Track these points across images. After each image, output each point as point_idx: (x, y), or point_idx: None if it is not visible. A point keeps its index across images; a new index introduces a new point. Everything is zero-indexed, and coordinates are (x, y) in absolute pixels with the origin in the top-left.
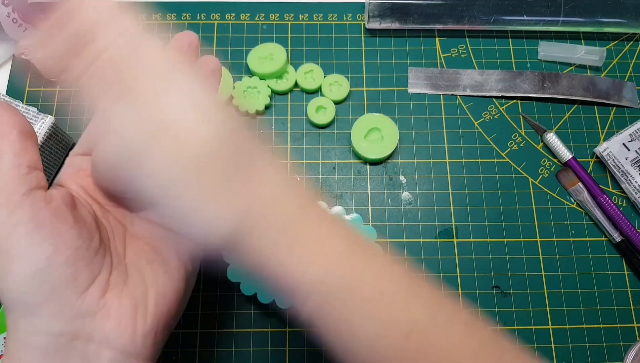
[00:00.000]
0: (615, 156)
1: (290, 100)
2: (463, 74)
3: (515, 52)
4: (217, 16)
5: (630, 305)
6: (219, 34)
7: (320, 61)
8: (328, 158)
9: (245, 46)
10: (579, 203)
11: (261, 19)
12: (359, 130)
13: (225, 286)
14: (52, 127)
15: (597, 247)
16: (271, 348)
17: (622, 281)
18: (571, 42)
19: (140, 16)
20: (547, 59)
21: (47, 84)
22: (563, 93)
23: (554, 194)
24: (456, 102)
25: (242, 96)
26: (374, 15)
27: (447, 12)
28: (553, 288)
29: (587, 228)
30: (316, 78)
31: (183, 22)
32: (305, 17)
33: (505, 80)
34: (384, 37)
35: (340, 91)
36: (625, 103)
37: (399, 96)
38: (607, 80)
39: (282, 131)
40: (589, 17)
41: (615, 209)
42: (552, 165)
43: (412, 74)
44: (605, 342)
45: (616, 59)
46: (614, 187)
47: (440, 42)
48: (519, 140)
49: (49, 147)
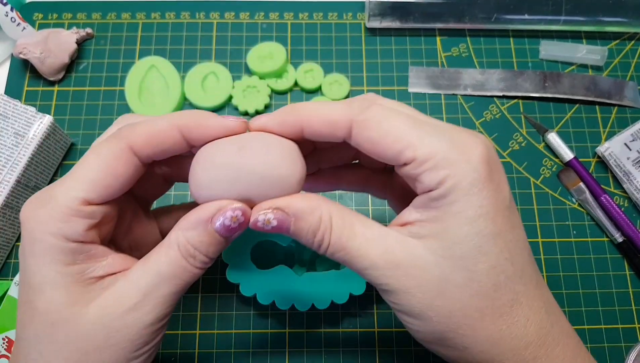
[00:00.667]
0: (616, 156)
1: (290, 99)
2: (464, 74)
3: (516, 52)
4: (217, 15)
5: (631, 305)
6: (218, 33)
7: (320, 60)
8: None
9: (244, 45)
10: (581, 203)
11: (261, 17)
12: None
13: (224, 287)
14: (51, 126)
15: (598, 247)
16: (271, 349)
17: (624, 281)
18: (573, 42)
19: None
20: (548, 59)
21: (46, 83)
22: (564, 93)
23: (555, 194)
24: (457, 102)
25: (242, 96)
26: (375, 14)
27: (448, 11)
28: (554, 289)
29: (589, 228)
30: (316, 77)
31: (182, 21)
32: (305, 16)
33: (507, 79)
34: (384, 36)
35: (341, 91)
36: (626, 103)
37: (400, 95)
38: (608, 79)
39: None
40: (591, 17)
41: (617, 209)
42: (553, 165)
43: (412, 73)
44: (606, 342)
45: (618, 58)
46: (616, 187)
47: (441, 41)
48: (520, 140)
49: (47, 147)
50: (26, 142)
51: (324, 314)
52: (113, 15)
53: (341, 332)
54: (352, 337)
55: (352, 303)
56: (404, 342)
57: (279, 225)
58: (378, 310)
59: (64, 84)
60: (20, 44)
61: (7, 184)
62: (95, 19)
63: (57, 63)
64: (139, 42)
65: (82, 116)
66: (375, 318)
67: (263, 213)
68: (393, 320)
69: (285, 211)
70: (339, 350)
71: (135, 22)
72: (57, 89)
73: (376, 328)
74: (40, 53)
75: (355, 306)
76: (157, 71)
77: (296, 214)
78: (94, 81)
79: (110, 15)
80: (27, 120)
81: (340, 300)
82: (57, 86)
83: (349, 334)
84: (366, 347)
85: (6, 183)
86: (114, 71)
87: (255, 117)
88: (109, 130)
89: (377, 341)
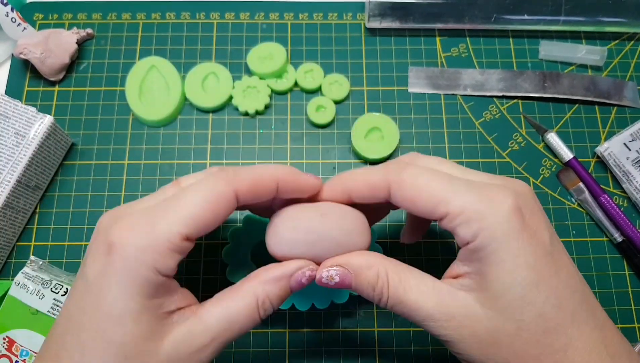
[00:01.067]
0: (616, 156)
1: (290, 100)
2: (464, 74)
3: (516, 52)
4: (217, 15)
5: (631, 305)
6: (218, 34)
7: (320, 60)
8: (328, 158)
9: (244, 45)
10: (580, 203)
11: (261, 18)
12: (359, 130)
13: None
14: (51, 127)
15: (598, 247)
16: (271, 348)
17: (623, 281)
18: (572, 42)
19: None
20: (548, 59)
21: (46, 83)
22: (564, 93)
23: (554, 194)
24: (457, 102)
25: (242, 96)
26: (374, 15)
27: (448, 12)
28: None
29: (588, 228)
30: (316, 78)
31: (182, 21)
32: (305, 17)
33: (506, 79)
34: (384, 37)
35: (341, 91)
36: (626, 103)
37: (400, 96)
38: (608, 80)
39: (282, 131)
40: (590, 17)
41: (617, 209)
42: (553, 165)
43: (412, 74)
44: None
45: (617, 58)
46: (615, 187)
47: (440, 41)
48: (520, 140)
49: (47, 147)
50: (27, 142)
51: (324, 314)
52: (113, 16)
53: (341, 331)
54: (352, 337)
55: (352, 303)
56: (404, 342)
57: (341, 281)
58: (378, 310)
59: (64, 84)
60: (21, 45)
61: (7, 184)
62: (95, 19)
63: (58, 63)
64: (140, 42)
65: (83, 116)
66: (375, 318)
67: (326, 270)
68: (393, 320)
69: (345, 268)
70: (339, 350)
71: (135, 22)
72: (57, 89)
73: (376, 328)
74: (40, 53)
75: (355, 306)
76: (157, 71)
77: (356, 270)
78: (94, 81)
79: (110, 15)
80: (28, 120)
81: (340, 300)
82: (58, 86)
83: (349, 334)
84: (366, 346)
85: (7, 183)
86: (114, 71)
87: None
88: (204, 172)
89: (377, 341)
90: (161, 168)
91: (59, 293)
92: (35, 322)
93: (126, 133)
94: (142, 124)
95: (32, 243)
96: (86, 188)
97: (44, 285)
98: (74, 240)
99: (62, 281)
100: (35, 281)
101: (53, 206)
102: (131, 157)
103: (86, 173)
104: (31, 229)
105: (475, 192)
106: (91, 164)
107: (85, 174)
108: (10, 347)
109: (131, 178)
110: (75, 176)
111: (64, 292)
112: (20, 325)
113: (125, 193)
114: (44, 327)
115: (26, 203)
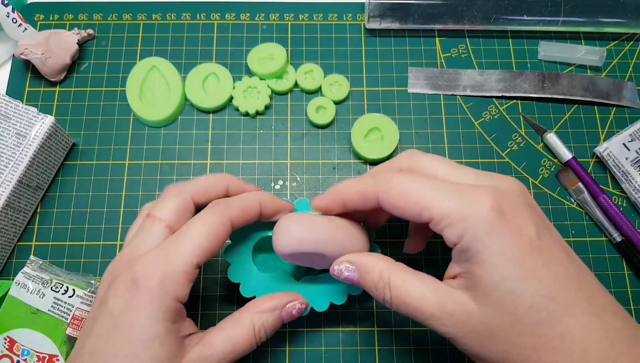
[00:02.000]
0: (615, 156)
1: (290, 100)
2: (463, 74)
3: (515, 52)
4: (217, 16)
5: (630, 305)
6: (218, 34)
7: (320, 60)
8: (328, 158)
9: (245, 45)
10: (579, 203)
11: (261, 19)
12: (359, 130)
13: (225, 286)
14: (52, 127)
15: (597, 247)
16: (271, 348)
17: (623, 281)
18: (571, 42)
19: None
20: (547, 59)
21: (47, 84)
22: (563, 93)
23: (554, 194)
24: (456, 102)
25: (242, 96)
26: (374, 15)
27: (447, 12)
28: None
29: (588, 228)
30: (316, 78)
31: (183, 22)
32: (305, 17)
33: (506, 80)
34: (384, 37)
35: (340, 91)
36: (625, 103)
37: (399, 96)
38: (607, 80)
39: (282, 131)
40: (589, 17)
41: (616, 209)
42: (552, 165)
43: (412, 74)
44: None
45: (616, 59)
46: (614, 187)
47: (440, 42)
48: (519, 140)
49: (48, 147)
50: (28, 142)
51: (324, 314)
52: (114, 16)
53: (341, 331)
54: (352, 337)
55: (352, 303)
56: (404, 341)
57: (350, 276)
58: (377, 309)
59: (65, 84)
60: (22, 45)
61: (8, 184)
62: (96, 19)
63: (59, 64)
64: (140, 43)
65: (84, 117)
66: (374, 318)
67: (338, 264)
68: (393, 319)
69: (353, 264)
70: (339, 349)
71: (136, 23)
72: (58, 89)
73: (376, 328)
74: (41, 54)
75: (355, 306)
76: (158, 71)
77: (361, 268)
78: (95, 82)
79: (111, 16)
80: (29, 120)
81: (338, 301)
82: (59, 86)
83: (349, 334)
84: (366, 346)
85: (8, 183)
86: (115, 71)
87: (312, 201)
88: (168, 199)
89: (376, 341)
90: (162, 168)
91: (59, 292)
92: (35, 321)
93: (127, 133)
94: (143, 125)
95: (33, 243)
96: (87, 188)
97: (44, 284)
98: (75, 239)
99: (62, 281)
100: (35, 281)
101: (54, 206)
102: (132, 157)
103: (87, 173)
104: (32, 229)
105: (456, 195)
106: (92, 165)
107: (86, 174)
108: (12, 347)
109: (132, 178)
110: (76, 176)
111: (64, 291)
112: (21, 325)
113: (126, 193)
114: (44, 326)
115: (27, 203)
